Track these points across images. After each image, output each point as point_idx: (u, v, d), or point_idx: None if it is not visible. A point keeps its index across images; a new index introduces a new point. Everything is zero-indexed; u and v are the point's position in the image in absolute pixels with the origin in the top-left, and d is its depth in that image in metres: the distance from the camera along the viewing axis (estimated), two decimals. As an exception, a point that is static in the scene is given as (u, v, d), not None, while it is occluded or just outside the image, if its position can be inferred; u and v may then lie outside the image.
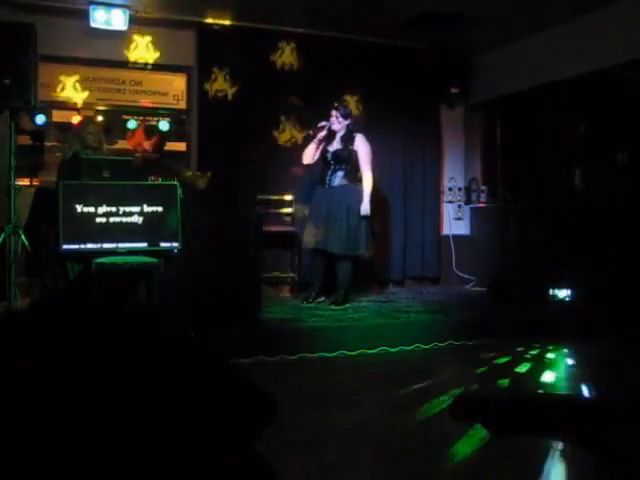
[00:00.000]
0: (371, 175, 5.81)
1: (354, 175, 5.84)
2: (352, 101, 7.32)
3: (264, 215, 6.47)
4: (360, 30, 7.21)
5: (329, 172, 5.82)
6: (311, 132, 5.84)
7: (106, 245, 4.63)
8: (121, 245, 4.67)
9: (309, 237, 5.88)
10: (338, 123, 5.80)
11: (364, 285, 7.09)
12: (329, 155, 5.82)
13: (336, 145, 5.83)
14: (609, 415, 1.14)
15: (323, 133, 5.78)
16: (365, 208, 5.74)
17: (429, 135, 7.99)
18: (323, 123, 5.78)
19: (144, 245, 4.73)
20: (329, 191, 5.80)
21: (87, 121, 6.03)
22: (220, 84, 6.97)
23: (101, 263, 4.51)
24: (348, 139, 5.81)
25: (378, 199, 7.47)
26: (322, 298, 5.98)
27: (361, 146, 5.81)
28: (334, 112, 5.82)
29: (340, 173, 5.80)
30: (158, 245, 4.75)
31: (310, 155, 5.86)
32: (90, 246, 4.59)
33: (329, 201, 5.76)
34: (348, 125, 5.83)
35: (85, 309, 1.02)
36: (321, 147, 5.85)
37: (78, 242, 4.57)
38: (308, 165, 6.01)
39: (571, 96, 6.96)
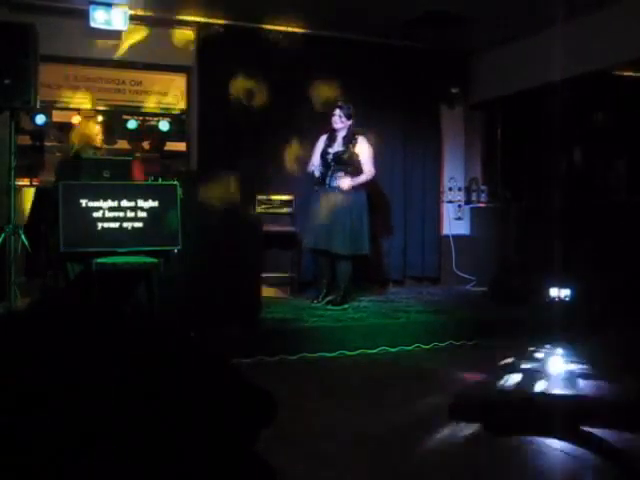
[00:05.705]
0: (373, 173, 5.84)
1: (354, 176, 5.83)
2: (352, 101, 7.31)
3: (264, 215, 6.47)
4: (360, 30, 7.21)
5: (329, 173, 5.81)
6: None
7: (106, 245, 4.63)
8: (121, 245, 4.66)
9: (310, 237, 5.89)
10: (341, 122, 5.80)
11: (364, 285, 7.09)
12: (330, 156, 5.81)
13: (337, 147, 5.83)
14: (609, 415, 1.14)
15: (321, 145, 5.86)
16: (345, 182, 5.70)
17: (429, 135, 7.99)
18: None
19: (144, 245, 4.72)
20: (329, 192, 5.78)
21: (87, 121, 6.02)
22: (220, 84, 6.96)
23: (101, 263, 4.51)
24: (350, 140, 5.80)
25: (378, 199, 7.49)
26: (331, 297, 5.98)
27: (364, 149, 5.82)
28: (337, 111, 5.82)
29: (340, 174, 5.78)
30: (158, 245, 4.74)
31: (317, 166, 5.85)
32: (90, 246, 4.58)
33: (330, 202, 5.74)
34: (350, 126, 5.82)
35: (85, 309, 1.02)
36: (321, 149, 5.85)
37: (78, 242, 4.56)
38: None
39: (571, 96, 6.96)
